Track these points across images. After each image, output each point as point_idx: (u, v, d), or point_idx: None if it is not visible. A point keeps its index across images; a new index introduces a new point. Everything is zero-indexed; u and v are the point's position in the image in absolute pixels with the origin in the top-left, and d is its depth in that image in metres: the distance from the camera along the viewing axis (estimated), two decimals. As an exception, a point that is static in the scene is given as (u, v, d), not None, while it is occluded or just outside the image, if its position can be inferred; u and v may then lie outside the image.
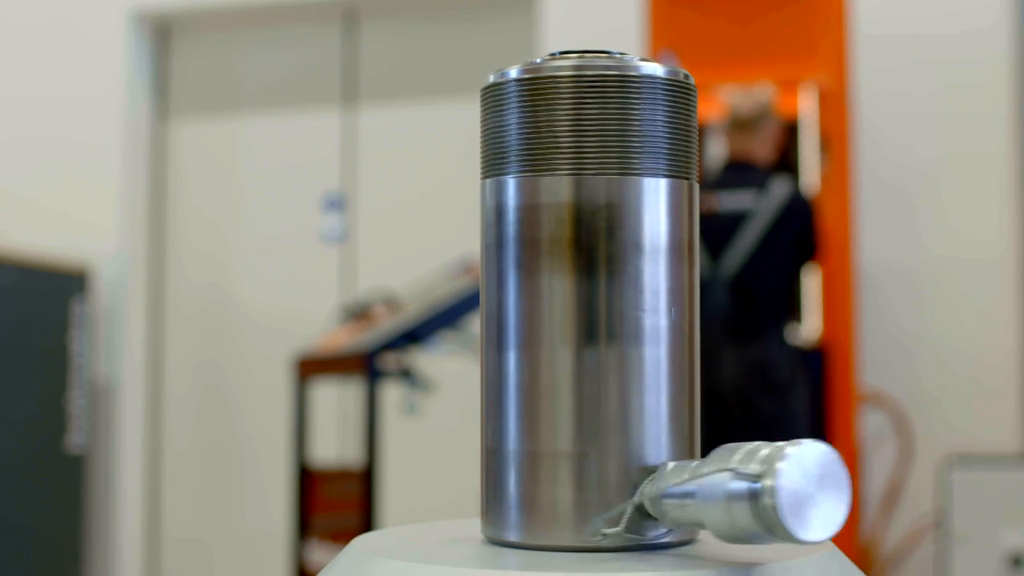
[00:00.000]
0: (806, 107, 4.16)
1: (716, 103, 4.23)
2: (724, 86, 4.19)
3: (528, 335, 0.70)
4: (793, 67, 4.20)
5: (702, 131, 4.30)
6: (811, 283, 4.10)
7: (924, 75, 4.52)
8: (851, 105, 4.25)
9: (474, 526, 0.75)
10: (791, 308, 3.89)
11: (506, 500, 0.70)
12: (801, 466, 0.61)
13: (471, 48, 5.23)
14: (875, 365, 4.43)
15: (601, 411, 0.68)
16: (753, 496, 0.61)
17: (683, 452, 0.71)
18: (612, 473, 0.68)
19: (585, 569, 0.65)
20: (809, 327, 4.07)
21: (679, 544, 0.70)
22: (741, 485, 0.61)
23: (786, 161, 4.26)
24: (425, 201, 5.21)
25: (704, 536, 0.72)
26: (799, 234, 3.82)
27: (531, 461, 0.69)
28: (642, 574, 0.64)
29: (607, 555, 0.67)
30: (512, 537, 0.70)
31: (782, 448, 0.61)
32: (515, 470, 0.70)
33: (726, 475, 0.62)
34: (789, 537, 0.60)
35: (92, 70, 5.49)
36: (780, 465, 0.60)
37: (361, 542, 0.72)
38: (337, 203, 5.35)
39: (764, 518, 0.61)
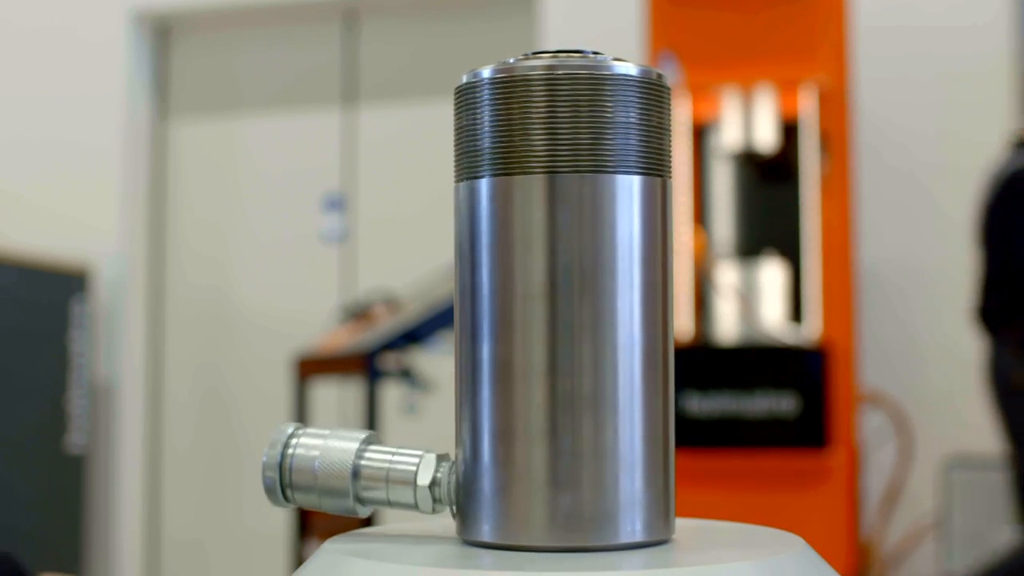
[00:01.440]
0: (806, 107, 4.16)
1: (715, 103, 4.23)
2: (724, 86, 4.19)
3: (502, 335, 0.70)
4: (793, 67, 4.19)
5: (700, 130, 4.30)
6: (812, 283, 4.09)
7: (924, 71, 4.52)
8: (851, 105, 4.25)
9: (450, 527, 0.75)
10: (1007, 309, 3.44)
11: (480, 501, 0.70)
12: None
13: (471, 48, 5.23)
14: (875, 365, 4.43)
15: (575, 411, 0.68)
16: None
17: (657, 450, 0.71)
18: (585, 473, 0.68)
19: (558, 568, 0.65)
20: (809, 327, 4.06)
21: (652, 544, 0.70)
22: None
23: (786, 162, 4.26)
24: (425, 201, 5.21)
25: (679, 536, 0.72)
26: (996, 219, 3.45)
27: (504, 462, 0.69)
28: (614, 573, 0.64)
29: (580, 555, 0.68)
30: (486, 537, 0.70)
31: None
32: (489, 471, 0.70)
33: None
34: None
35: (92, 71, 5.50)
36: None
37: (334, 542, 0.72)
38: (337, 203, 5.35)
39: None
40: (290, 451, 0.74)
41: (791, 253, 4.18)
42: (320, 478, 0.73)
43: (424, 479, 0.73)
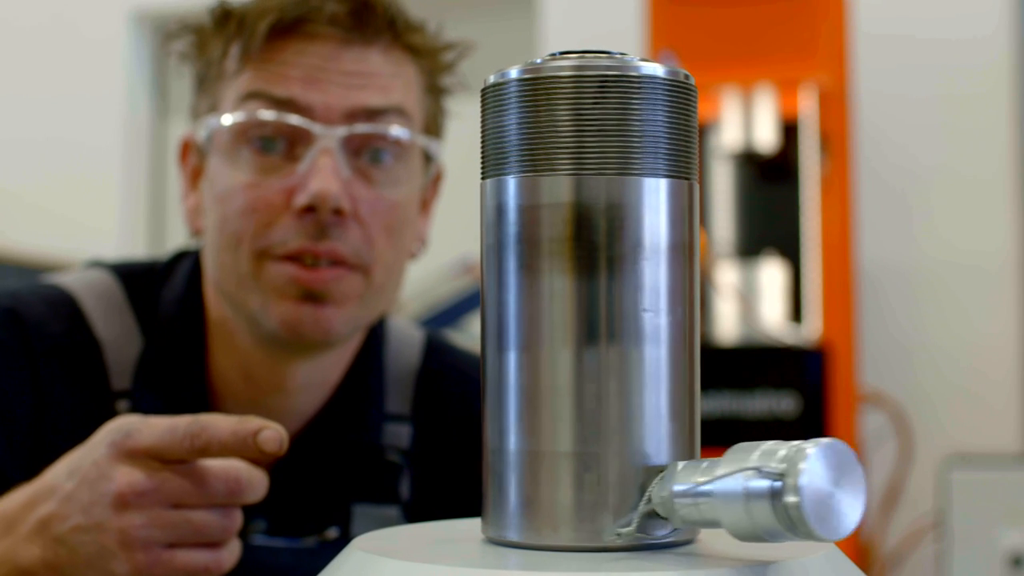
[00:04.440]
0: (806, 107, 4.16)
1: (715, 103, 4.23)
2: (724, 86, 4.19)
3: (529, 335, 0.70)
4: (793, 67, 4.19)
5: (701, 130, 4.30)
6: (812, 283, 4.10)
7: (924, 77, 4.53)
8: (851, 105, 4.25)
9: (475, 526, 0.75)
10: None
11: (507, 500, 0.70)
12: (822, 465, 0.62)
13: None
14: (875, 365, 4.43)
15: (602, 411, 0.69)
16: (775, 495, 0.63)
17: (684, 452, 0.71)
18: (612, 473, 0.69)
19: (587, 569, 0.65)
20: (809, 327, 4.07)
21: (681, 544, 0.70)
22: (763, 484, 0.63)
23: (786, 162, 4.27)
24: (425, 201, 5.21)
25: (705, 535, 0.72)
26: None
27: (532, 461, 0.69)
28: (644, 574, 0.65)
29: (608, 555, 0.68)
30: (513, 537, 0.70)
31: (803, 447, 0.63)
32: (516, 470, 0.70)
33: (748, 474, 0.64)
34: (809, 535, 0.62)
35: (92, 70, 5.49)
36: (803, 464, 0.62)
37: (361, 542, 0.72)
38: (337, 203, 5.35)
39: (786, 516, 0.63)
40: None
41: (791, 253, 4.19)
42: None
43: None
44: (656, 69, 0.70)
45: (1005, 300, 4.43)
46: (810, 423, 3.85)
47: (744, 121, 4.27)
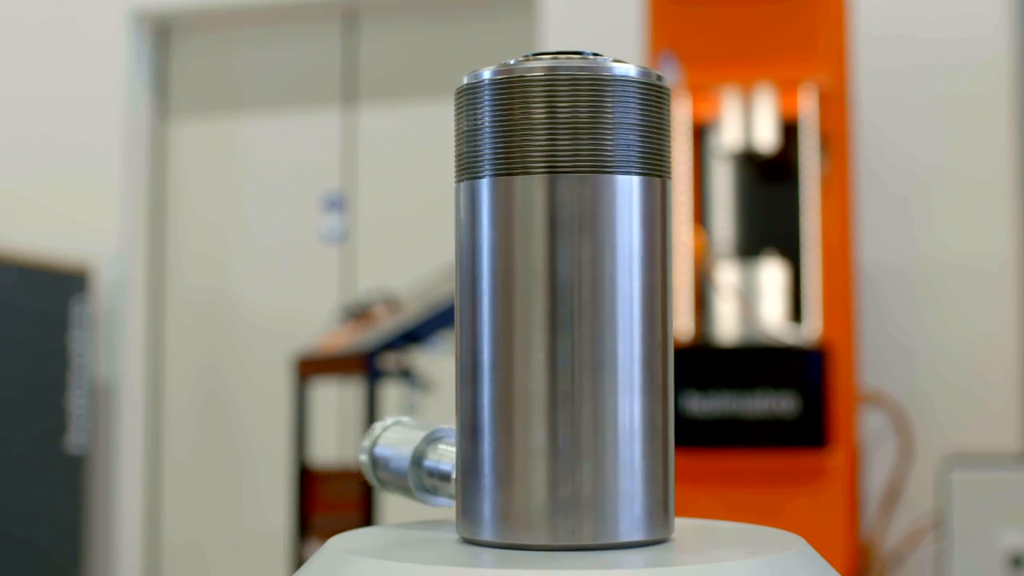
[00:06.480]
0: (806, 107, 4.15)
1: (715, 103, 4.23)
2: (724, 86, 4.19)
3: (502, 335, 0.70)
4: (793, 67, 4.19)
5: (700, 130, 4.30)
6: (812, 283, 4.09)
7: (924, 77, 4.52)
8: (851, 105, 4.25)
9: (451, 526, 0.75)
10: None
11: (481, 499, 0.70)
12: None
13: (471, 48, 5.23)
14: (875, 365, 4.43)
15: (575, 410, 0.69)
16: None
17: (656, 447, 0.71)
18: (585, 471, 0.69)
19: (558, 567, 0.65)
20: (809, 327, 4.07)
21: (651, 543, 0.70)
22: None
23: (786, 162, 4.27)
24: (425, 201, 5.21)
25: (678, 535, 0.73)
26: None
27: (504, 460, 0.70)
28: (613, 571, 0.65)
29: (580, 553, 0.68)
30: (486, 536, 0.70)
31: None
32: (490, 469, 0.70)
33: None
34: None
35: (92, 70, 5.50)
36: None
37: (337, 541, 0.72)
38: (337, 203, 5.35)
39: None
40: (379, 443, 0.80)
41: (791, 253, 4.19)
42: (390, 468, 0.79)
43: None
44: (628, 70, 0.70)
45: (1005, 300, 4.43)
46: (810, 423, 3.85)
47: (744, 121, 4.26)
